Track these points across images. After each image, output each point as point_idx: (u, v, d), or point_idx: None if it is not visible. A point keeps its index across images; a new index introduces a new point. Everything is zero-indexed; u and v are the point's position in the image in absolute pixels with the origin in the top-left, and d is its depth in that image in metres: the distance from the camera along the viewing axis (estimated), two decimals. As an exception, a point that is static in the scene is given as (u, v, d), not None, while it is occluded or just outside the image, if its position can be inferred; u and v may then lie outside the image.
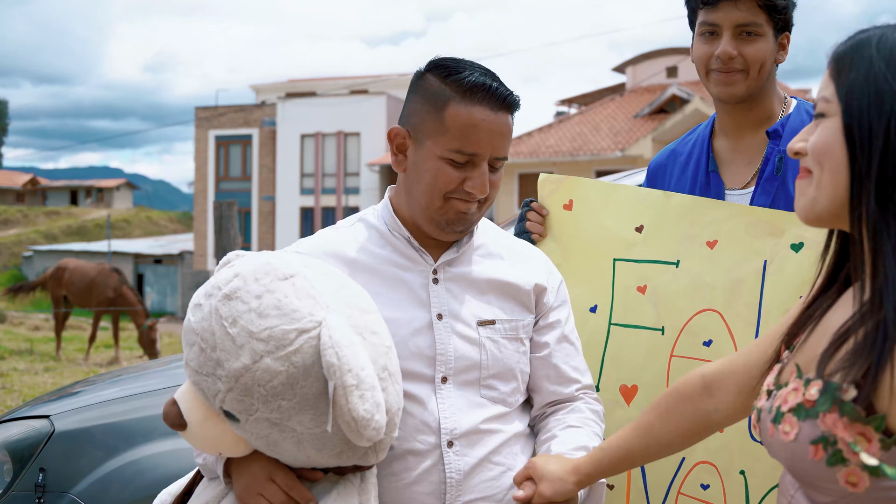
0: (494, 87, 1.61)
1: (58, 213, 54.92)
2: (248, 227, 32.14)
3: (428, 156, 1.62)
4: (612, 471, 1.55)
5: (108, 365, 11.76)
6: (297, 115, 31.32)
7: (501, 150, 1.64)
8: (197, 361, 1.42)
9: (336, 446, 1.43)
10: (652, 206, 2.08)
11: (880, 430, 1.00)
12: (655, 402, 1.53)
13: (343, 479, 1.50)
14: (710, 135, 2.17)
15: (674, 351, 1.99)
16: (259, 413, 1.39)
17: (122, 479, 2.65)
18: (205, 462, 1.60)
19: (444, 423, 1.63)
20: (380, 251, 1.71)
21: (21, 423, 2.82)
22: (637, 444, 1.52)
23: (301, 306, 1.40)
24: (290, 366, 1.36)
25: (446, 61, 1.66)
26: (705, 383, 1.45)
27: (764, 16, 1.97)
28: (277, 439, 1.42)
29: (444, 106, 1.60)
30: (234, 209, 5.06)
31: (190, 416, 1.46)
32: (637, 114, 25.34)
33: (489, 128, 1.60)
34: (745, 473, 1.86)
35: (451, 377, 1.65)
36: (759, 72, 2.00)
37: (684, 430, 1.48)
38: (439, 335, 1.66)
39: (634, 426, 1.54)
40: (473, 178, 1.61)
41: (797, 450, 1.08)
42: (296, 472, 1.49)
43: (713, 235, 1.97)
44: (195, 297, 1.49)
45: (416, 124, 1.64)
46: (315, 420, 1.39)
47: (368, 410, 1.33)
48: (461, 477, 1.62)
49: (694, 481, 1.94)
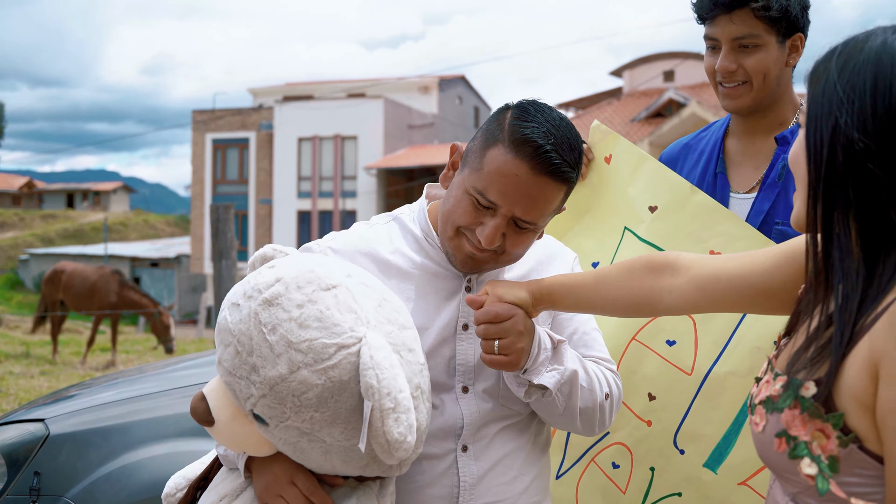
0: (547, 149, 1.49)
1: (54, 217, 54.84)
2: (244, 230, 32.12)
3: (460, 184, 1.59)
4: (559, 299, 1.55)
5: (105, 368, 11.72)
6: (294, 119, 31.31)
7: (528, 213, 1.54)
8: (231, 363, 1.42)
9: (363, 459, 1.43)
10: (673, 193, 2.07)
11: (838, 428, 1.03)
12: (625, 260, 1.55)
13: (363, 486, 1.51)
14: (724, 135, 2.16)
15: (637, 335, 2.01)
16: (290, 421, 1.38)
17: (118, 482, 2.65)
18: (226, 453, 1.60)
19: (463, 431, 1.63)
20: (414, 256, 1.69)
21: (16, 427, 2.81)
22: (589, 282, 1.54)
23: (342, 320, 1.39)
24: (327, 380, 1.36)
25: (529, 105, 1.56)
26: (675, 264, 1.47)
27: (762, 26, 1.95)
28: (305, 448, 1.42)
29: (492, 144, 1.54)
30: (231, 212, 5.06)
31: (218, 413, 1.46)
32: (634, 118, 25.37)
33: (519, 185, 1.51)
34: (654, 471, 1.91)
35: (471, 387, 1.65)
36: (765, 81, 1.99)
37: (634, 294, 1.49)
38: (461, 346, 1.65)
39: (593, 270, 1.57)
40: (486, 225, 1.55)
41: (764, 440, 1.13)
42: (317, 476, 1.50)
43: (719, 247, 1.97)
44: (232, 295, 1.47)
45: (469, 150, 1.61)
46: (345, 434, 1.39)
47: (402, 433, 1.34)
48: (474, 481, 1.62)
49: (608, 457, 1.99)
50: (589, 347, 1.76)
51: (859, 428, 1.02)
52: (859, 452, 1.02)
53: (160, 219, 57.84)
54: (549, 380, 1.56)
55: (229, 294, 1.49)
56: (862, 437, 1.02)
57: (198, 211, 32.35)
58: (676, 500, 1.88)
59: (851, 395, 1.02)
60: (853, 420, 1.02)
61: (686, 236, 2.02)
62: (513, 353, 1.51)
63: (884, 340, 0.99)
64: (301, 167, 31.72)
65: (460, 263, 1.63)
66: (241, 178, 32.66)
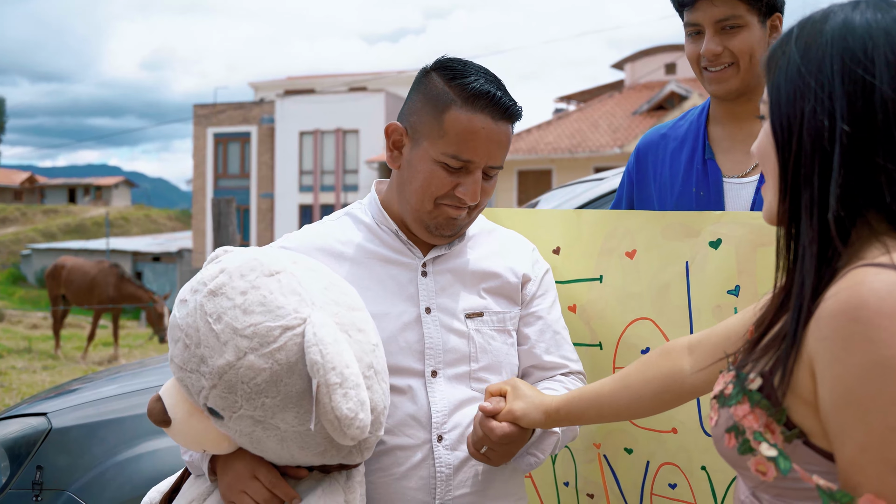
0: (498, 96, 1.58)
1: (56, 212, 54.90)
2: (246, 224, 32.13)
3: (423, 157, 1.61)
4: (582, 415, 1.54)
5: (107, 363, 11.73)
6: (295, 113, 31.28)
7: (497, 160, 1.62)
8: (181, 358, 1.42)
9: (320, 445, 1.42)
10: (565, 227, 2.08)
11: (781, 423, 1.02)
12: (640, 357, 1.53)
13: (328, 477, 1.49)
14: (706, 122, 2.15)
15: (615, 363, 1.99)
16: (242, 410, 1.38)
17: (120, 476, 2.65)
18: (191, 459, 1.59)
19: (434, 418, 1.62)
20: (368, 245, 1.70)
21: (18, 421, 2.82)
22: (609, 389, 1.51)
23: (286, 303, 1.38)
24: (274, 363, 1.35)
25: (453, 63, 1.63)
26: (689, 344, 1.45)
27: (743, 6, 1.96)
28: (261, 437, 1.41)
29: (445, 109, 1.58)
30: (233, 206, 5.05)
31: (174, 412, 1.45)
32: (636, 111, 25.33)
33: (488, 136, 1.58)
34: (706, 469, 1.88)
35: (440, 371, 1.65)
36: (751, 62, 1.99)
37: (656, 384, 1.46)
38: (427, 329, 1.65)
39: (612, 375, 1.54)
40: (466, 184, 1.60)
41: (717, 435, 1.12)
42: (280, 469, 1.48)
43: (631, 245, 1.97)
44: (181, 292, 1.48)
45: (415, 123, 1.63)
46: (299, 418, 1.38)
47: (352, 409, 1.32)
48: (451, 471, 1.62)
49: (662, 482, 1.96)
50: (559, 346, 1.79)
51: (804, 423, 1.01)
52: (804, 447, 1.01)
53: (162, 213, 57.89)
54: (524, 466, 1.67)
55: (179, 292, 1.49)
56: (807, 432, 1.01)
57: (199, 205, 32.36)
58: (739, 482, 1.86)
59: (793, 392, 1.01)
60: (797, 416, 1.01)
61: (600, 255, 2.02)
62: (497, 460, 1.57)
63: (814, 339, 0.98)
64: (303, 161, 31.70)
65: (442, 228, 1.65)
66: (243, 172, 32.65)
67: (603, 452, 2.02)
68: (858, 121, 0.99)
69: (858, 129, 0.99)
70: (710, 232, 1.87)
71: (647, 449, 1.96)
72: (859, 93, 0.99)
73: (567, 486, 2.10)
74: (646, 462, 1.97)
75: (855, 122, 0.99)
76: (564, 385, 1.74)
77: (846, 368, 0.93)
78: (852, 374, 0.93)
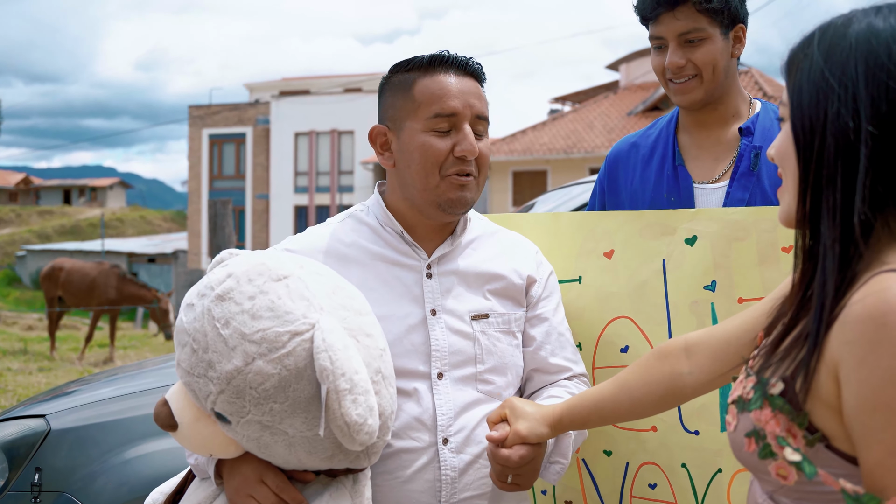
0: (453, 54, 1.67)
1: (51, 213, 54.75)
2: (242, 225, 32.08)
3: (411, 136, 1.64)
4: (585, 420, 1.54)
5: (103, 364, 11.70)
6: (290, 114, 31.25)
7: (479, 108, 1.66)
8: (189, 362, 1.41)
9: (328, 450, 1.42)
10: (544, 230, 2.10)
11: (803, 427, 1.02)
12: (637, 360, 1.54)
13: (335, 482, 1.49)
14: (675, 130, 2.20)
15: (594, 363, 2.01)
16: (250, 415, 1.38)
17: (119, 477, 2.65)
18: (196, 462, 1.59)
19: (439, 421, 1.62)
20: (372, 247, 1.70)
21: (17, 423, 2.82)
22: (609, 393, 1.51)
23: (295, 308, 1.38)
24: (283, 368, 1.35)
25: (403, 59, 1.72)
26: (686, 345, 1.45)
27: (706, 19, 2.00)
28: (268, 442, 1.41)
29: (411, 86, 1.66)
30: (229, 208, 5.06)
31: (181, 416, 1.45)
32: (631, 111, 25.35)
33: (459, 88, 1.65)
34: (686, 466, 1.90)
35: (446, 373, 1.65)
36: (714, 73, 2.03)
37: (656, 387, 1.47)
38: (433, 331, 1.66)
39: (611, 379, 1.55)
40: (461, 141, 1.63)
41: (736, 440, 1.12)
42: (287, 473, 1.48)
43: (609, 246, 2.01)
44: (188, 296, 1.48)
45: (392, 116, 1.68)
46: (307, 423, 1.38)
47: (361, 415, 1.32)
48: (456, 474, 1.62)
49: (642, 483, 1.97)
50: (563, 348, 1.80)
51: (825, 427, 1.01)
52: (826, 451, 1.01)
53: (157, 214, 57.77)
54: (553, 476, 1.66)
55: (185, 296, 1.49)
56: (829, 436, 1.01)
57: (195, 206, 32.30)
58: (720, 477, 1.87)
59: (815, 396, 1.01)
60: (819, 420, 1.01)
61: (578, 256, 2.05)
62: (527, 482, 1.56)
63: (839, 342, 0.98)
64: (298, 162, 31.67)
65: (455, 205, 1.66)
66: (238, 173, 32.60)
67: (581, 457, 2.03)
68: (882, 123, 1.00)
69: (883, 132, 1.00)
70: (686, 229, 1.91)
71: (627, 449, 1.97)
72: (883, 96, 1.00)
73: (545, 494, 2.09)
74: (625, 463, 1.98)
75: (879, 124, 1.00)
76: (568, 390, 1.74)
77: (873, 372, 0.93)
78: (879, 377, 0.93)
